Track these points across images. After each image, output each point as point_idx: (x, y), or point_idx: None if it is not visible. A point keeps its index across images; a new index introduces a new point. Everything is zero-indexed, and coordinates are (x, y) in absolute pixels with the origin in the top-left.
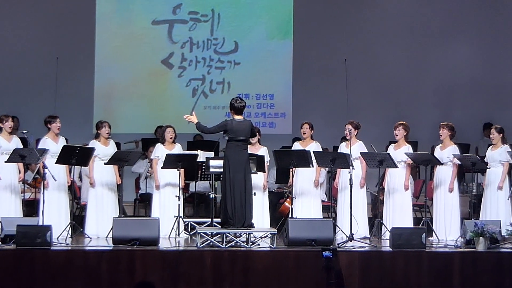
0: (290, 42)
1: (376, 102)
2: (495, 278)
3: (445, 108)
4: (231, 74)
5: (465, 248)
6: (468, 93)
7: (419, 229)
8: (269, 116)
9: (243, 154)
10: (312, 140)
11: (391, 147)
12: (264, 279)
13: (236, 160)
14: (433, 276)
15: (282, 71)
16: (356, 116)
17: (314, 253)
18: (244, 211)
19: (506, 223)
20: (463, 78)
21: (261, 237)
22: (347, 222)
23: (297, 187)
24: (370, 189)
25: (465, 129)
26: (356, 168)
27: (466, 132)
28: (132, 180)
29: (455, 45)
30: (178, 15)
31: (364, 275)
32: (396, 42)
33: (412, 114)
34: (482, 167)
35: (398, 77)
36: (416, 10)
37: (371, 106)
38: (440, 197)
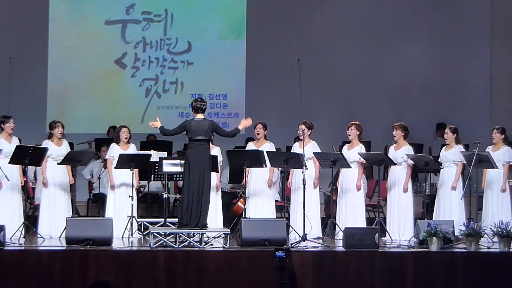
0: (243, 42)
1: (330, 102)
2: (448, 278)
3: (399, 108)
4: (184, 74)
5: (418, 248)
6: (421, 93)
7: (372, 229)
8: (222, 116)
9: (203, 154)
10: (266, 140)
11: (345, 147)
12: (217, 279)
13: (195, 160)
14: (386, 276)
15: (235, 71)
16: (310, 116)
17: (267, 253)
18: (200, 212)
19: (459, 223)
20: (416, 79)
21: (214, 237)
22: (300, 222)
23: (250, 187)
24: (323, 189)
25: (418, 129)
26: (309, 168)
27: (419, 132)
28: (85, 180)
29: (408, 45)
30: (131, 15)
31: (317, 275)
32: (349, 43)
33: (365, 114)
34: (436, 167)
35: (351, 77)
36: (370, 11)
37: (325, 106)
38: (394, 197)
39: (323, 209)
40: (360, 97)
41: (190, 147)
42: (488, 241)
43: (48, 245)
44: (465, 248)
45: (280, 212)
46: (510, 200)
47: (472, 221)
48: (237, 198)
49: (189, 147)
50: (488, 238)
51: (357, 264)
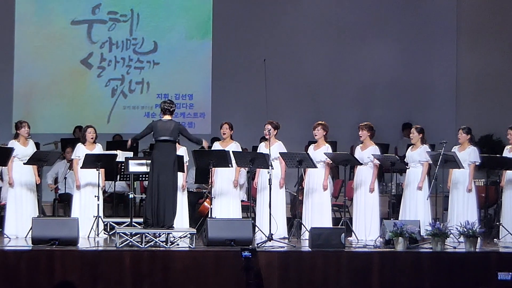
0: (209, 42)
1: (296, 102)
2: (414, 278)
3: (365, 108)
4: (150, 74)
5: (384, 248)
6: (387, 93)
7: (338, 229)
8: (188, 116)
9: (169, 155)
10: (232, 140)
11: (311, 147)
12: (183, 279)
13: (161, 161)
14: (352, 276)
15: (201, 71)
16: (276, 116)
17: (233, 253)
18: (165, 212)
19: (425, 223)
20: (383, 79)
21: (180, 237)
22: (266, 222)
23: (216, 187)
24: (289, 189)
25: (384, 129)
26: (275, 168)
27: (385, 132)
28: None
29: (375, 45)
30: (97, 15)
31: (283, 275)
32: (315, 42)
33: (331, 114)
34: (402, 167)
35: (317, 77)
36: (336, 11)
37: (291, 106)
38: (360, 197)
39: (289, 209)
40: (326, 97)
41: (156, 148)
42: (454, 241)
43: (14, 245)
44: (431, 248)
45: (246, 212)
46: (475, 200)
47: (438, 221)
48: (203, 198)
49: (155, 148)
50: (454, 238)
51: (323, 264)
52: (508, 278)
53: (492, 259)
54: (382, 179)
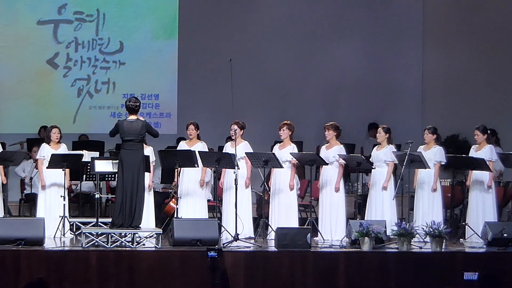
0: (175, 42)
1: (262, 102)
2: (380, 278)
3: (331, 108)
4: (116, 74)
5: (350, 248)
6: (353, 93)
7: (304, 229)
8: (155, 116)
9: (137, 155)
10: (198, 140)
11: (276, 147)
12: (149, 279)
13: (128, 161)
14: (318, 276)
15: (167, 71)
16: (242, 116)
17: (199, 253)
18: (134, 212)
19: (391, 223)
20: (349, 78)
21: (146, 237)
22: (232, 222)
23: (183, 187)
24: (255, 189)
25: (350, 129)
26: (241, 168)
27: (351, 132)
28: (17, 180)
29: (341, 45)
30: (63, 15)
31: (249, 275)
32: (281, 43)
33: (297, 114)
34: (367, 167)
35: (283, 77)
36: (302, 10)
37: (257, 106)
38: (326, 197)
39: (255, 209)
40: (292, 97)
41: (123, 148)
42: (420, 241)
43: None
44: (397, 248)
45: (212, 212)
46: (441, 200)
47: (404, 221)
48: (169, 198)
49: (122, 148)
50: (420, 238)
51: (289, 264)
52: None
53: (458, 259)
54: (348, 179)
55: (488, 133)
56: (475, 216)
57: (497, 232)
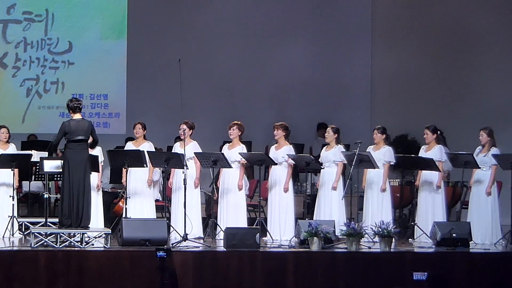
0: (124, 42)
1: (211, 102)
2: (329, 278)
3: (280, 108)
4: (65, 74)
5: (299, 248)
6: (302, 93)
7: (253, 229)
8: (103, 116)
9: (83, 154)
10: (145, 140)
11: (225, 146)
12: (99, 279)
13: (75, 161)
14: (267, 276)
15: (116, 71)
16: (191, 116)
17: (148, 253)
18: (82, 212)
19: (340, 223)
20: (298, 79)
21: (95, 237)
22: (181, 222)
23: (131, 187)
24: (204, 189)
25: (299, 129)
26: (190, 168)
27: (300, 132)
28: None
29: (290, 46)
30: (12, 15)
31: (198, 275)
32: (231, 42)
33: (247, 114)
34: (316, 167)
35: (233, 77)
36: (251, 11)
37: (206, 106)
38: (275, 197)
39: (204, 209)
40: (242, 97)
41: (70, 148)
42: (369, 241)
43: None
44: (346, 248)
45: (161, 212)
46: (390, 200)
47: (353, 221)
48: (118, 198)
49: (68, 148)
50: (369, 238)
51: (238, 264)
52: (423, 278)
53: (407, 259)
54: (297, 179)
55: (438, 133)
56: (424, 216)
57: (446, 232)
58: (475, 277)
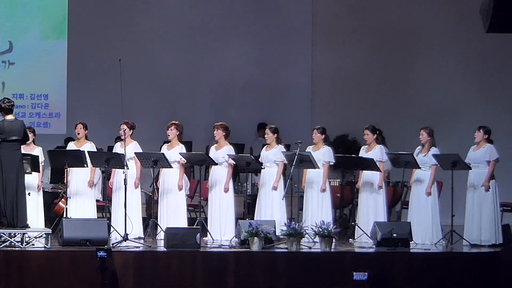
0: (65, 42)
1: (152, 102)
2: (270, 278)
3: (220, 108)
4: (5, 74)
5: (240, 248)
6: (243, 93)
7: (193, 229)
8: (44, 116)
9: (16, 154)
10: (86, 140)
11: (164, 146)
12: (39, 279)
13: (9, 161)
14: (208, 276)
15: (56, 71)
16: (131, 117)
17: (88, 253)
18: (17, 212)
19: (281, 223)
20: (239, 79)
21: (36, 237)
22: (122, 222)
23: (72, 187)
24: (144, 189)
25: (240, 129)
26: (130, 168)
27: (241, 132)
28: None
29: (231, 46)
30: None
31: (139, 274)
32: (171, 43)
33: (187, 114)
34: (257, 167)
35: (173, 77)
36: (189, 11)
37: (147, 106)
38: (215, 197)
39: (144, 209)
40: (182, 97)
41: (3, 148)
42: (309, 241)
43: None
44: (286, 248)
45: (101, 212)
46: (330, 200)
47: (293, 221)
48: (59, 198)
49: (2, 148)
50: (309, 238)
51: (179, 264)
52: (363, 278)
53: (348, 259)
54: (237, 179)
55: (377, 133)
56: (365, 216)
57: (386, 232)
58: (416, 277)
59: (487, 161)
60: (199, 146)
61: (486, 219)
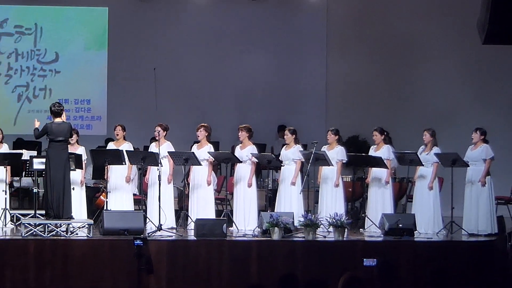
0: (105, 53)
1: (182, 106)
2: (289, 264)
3: (244, 112)
4: (52, 82)
5: (262, 237)
6: (264, 98)
7: (220, 220)
8: (86, 119)
9: (63, 153)
10: (125, 140)
11: (195, 146)
12: (82, 265)
13: (56, 159)
14: (233, 263)
15: (98, 79)
16: (165, 119)
17: (126, 241)
18: (63, 205)
19: (298, 214)
20: (260, 85)
21: (79, 228)
22: (156, 214)
23: (111, 182)
24: (176, 184)
25: (261, 130)
26: (164, 165)
27: (262, 133)
28: None
29: (253, 56)
30: (5, 28)
31: (171, 261)
32: (200, 53)
33: (214, 117)
34: (277, 164)
35: (202, 84)
36: (218, 26)
37: (178, 110)
38: (240, 191)
39: (176, 202)
40: (209, 101)
41: (51, 147)
42: (324, 231)
43: None
44: (303, 237)
45: (138, 205)
46: (343, 194)
47: (309, 213)
48: (100, 192)
49: (50, 147)
50: (324, 228)
51: (207, 251)
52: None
53: (358, 247)
54: (259, 175)
55: (385, 134)
56: (374, 208)
57: (393, 222)
58: (419, 263)
59: (483, 159)
60: (225, 146)
61: (482, 211)
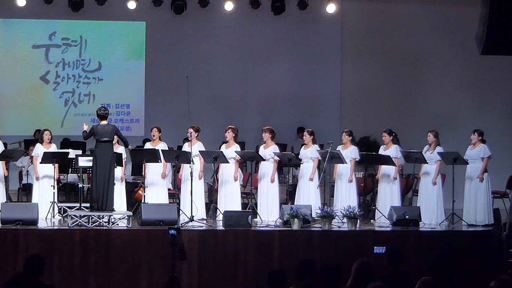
0: (143, 62)
1: (212, 110)
2: (307, 251)
3: (267, 115)
4: (95, 88)
5: (283, 227)
6: (285, 102)
7: (246, 212)
8: (126, 121)
9: (108, 152)
10: (160, 141)
11: (223, 146)
12: (122, 252)
13: (102, 157)
14: (257, 250)
15: (136, 85)
16: (196, 121)
17: (162, 231)
18: (106, 198)
19: (316, 207)
20: (281, 91)
21: (120, 219)
22: (188, 206)
23: (148, 178)
24: (206, 180)
25: (282, 132)
26: (196, 163)
27: (283, 134)
28: (16, 172)
29: (275, 65)
30: (53, 40)
31: (202, 249)
32: (228, 62)
33: (240, 119)
34: (297, 162)
35: (229, 90)
36: (244, 37)
37: (208, 113)
38: (263, 186)
39: (206, 196)
40: (236, 106)
41: (98, 147)
42: (339, 222)
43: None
44: (320, 227)
45: (172, 199)
46: (356, 189)
47: (326, 206)
48: (138, 187)
49: (97, 147)
50: (338, 219)
51: (234, 240)
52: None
53: (369, 236)
54: (281, 172)
55: (393, 135)
56: (383, 201)
57: (400, 214)
58: (424, 250)
59: (481, 158)
60: (250, 145)
61: (480, 204)
